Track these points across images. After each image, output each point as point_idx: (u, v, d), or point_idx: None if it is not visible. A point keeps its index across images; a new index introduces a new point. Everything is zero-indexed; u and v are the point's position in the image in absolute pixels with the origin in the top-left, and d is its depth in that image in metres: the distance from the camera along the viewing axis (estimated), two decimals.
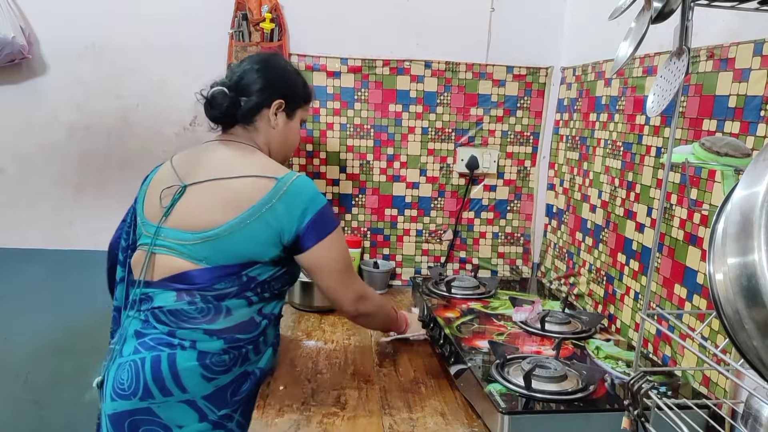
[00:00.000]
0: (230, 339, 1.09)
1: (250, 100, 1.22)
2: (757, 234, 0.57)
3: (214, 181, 1.13)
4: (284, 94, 1.26)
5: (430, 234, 2.12)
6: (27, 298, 2.05)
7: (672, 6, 0.76)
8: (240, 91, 1.22)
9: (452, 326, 1.51)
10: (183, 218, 1.12)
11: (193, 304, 1.08)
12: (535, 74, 2.02)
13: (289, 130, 1.29)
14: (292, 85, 1.30)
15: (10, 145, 1.97)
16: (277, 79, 1.26)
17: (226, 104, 1.19)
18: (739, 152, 0.88)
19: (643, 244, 1.48)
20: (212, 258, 1.09)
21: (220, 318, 1.08)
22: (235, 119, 1.23)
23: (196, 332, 1.07)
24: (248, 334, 1.11)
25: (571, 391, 1.16)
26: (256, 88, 1.22)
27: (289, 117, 1.28)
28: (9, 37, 1.76)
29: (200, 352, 1.06)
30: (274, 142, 1.27)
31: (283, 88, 1.26)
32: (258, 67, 1.25)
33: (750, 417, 0.85)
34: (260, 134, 1.25)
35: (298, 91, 1.31)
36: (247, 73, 1.24)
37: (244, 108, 1.21)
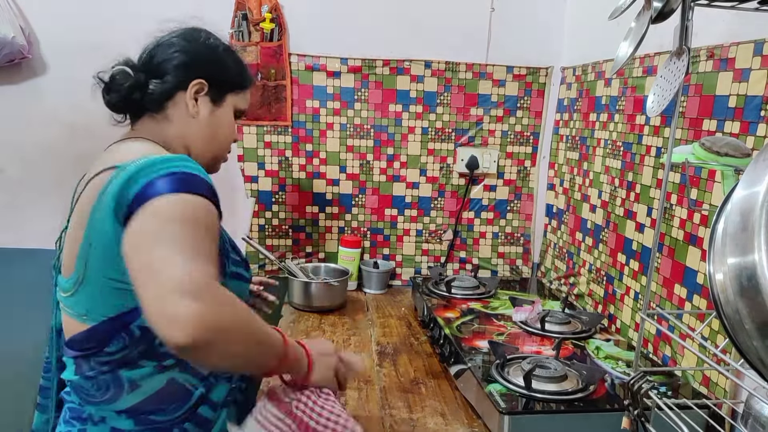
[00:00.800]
0: (144, 420, 0.87)
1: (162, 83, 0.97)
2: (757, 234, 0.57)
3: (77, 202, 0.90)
4: (208, 74, 1.00)
5: (430, 234, 2.12)
6: (27, 298, 2.05)
7: (672, 6, 0.76)
8: (149, 70, 0.98)
9: (452, 326, 1.51)
10: (63, 262, 0.91)
11: (89, 378, 0.87)
12: (535, 74, 2.02)
13: (217, 120, 1.03)
14: (218, 64, 1.03)
15: (10, 145, 1.97)
16: (199, 55, 1.01)
17: (126, 86, 0.96)
18: (739, 152, 0.88)
19: (643, 244, 1.48)
20: (93, 310, 0.85)
21: (123, 395, 0.86)
22: (143, 107, 0.99)
23: (104, 411, 0.88)
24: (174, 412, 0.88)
25: (571, 391, 1.16)
26: (169, 65, 0.98)
27: (215, 103, 1.02)
28: (9, 37, 1.76)
29: (112, 429, 0.88)
30: (195, 136, 1.00)
31: (206, 67, 1.01)
32: (174, 41, 1.01)
33: (750, 417, 0.85)
34: (173, 125, 0.99)
35: (227, 71, 1.05)
36: (158, 50, 1.00)
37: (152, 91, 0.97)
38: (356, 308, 1.87)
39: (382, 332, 1.68)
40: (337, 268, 1.96)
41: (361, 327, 1.71)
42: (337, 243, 2.06)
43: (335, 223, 2.08)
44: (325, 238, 2.08)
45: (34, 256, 2.02)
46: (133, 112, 1.01)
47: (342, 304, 1.86)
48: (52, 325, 0.99)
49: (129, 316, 0.84)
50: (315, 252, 2.09)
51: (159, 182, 0.77)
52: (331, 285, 1.82)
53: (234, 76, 1.06)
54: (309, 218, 2.07)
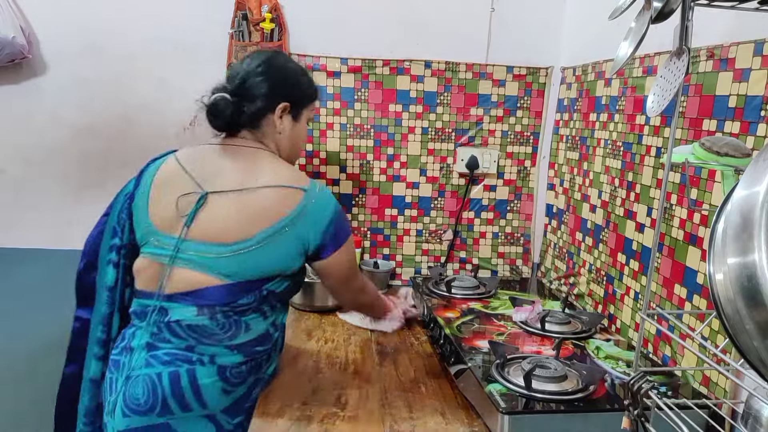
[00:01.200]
0: (249, 352, 1.09)
1: (254, 105, 1.16)
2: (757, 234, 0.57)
3: (239, 192, 1.08)
4: (289, 97, 1.20)
5: (430, 234, 2.12)
6: (27, 298, 2.05)
7: (672, 6, 0.76)
8: (242, 96, 1.15)
9: (452, 326, 1.51)
10: (208, 231, 1.07)
11: (214, 320, 1.05)
12: (535, 74, 2.02)
13: (296, 132, 1.25)
14: (296, 87, 1.23)
15: (11, 145, 1.97)
16: (281, 82, 1.20)
17: (229, 112, 1.13)
18: (739, 152, 0.88)
19: (643, 244, 1.48)
20: (239, 273, 1.05)
21: (240, 333, 1.07)
22: (240, 125, 1.18)
23: (218, 347, 1.05)
24: (264, 346, 1.12)
25: (571, 391, 1.16)
26: (259, 92, 1.16)
27: (295, 119, 1.23)
28: (9, 37, 1.76)
29: (220, 366, 1.05)
30: (281, 146, 1.22)
31: (287, 91, 1.20)
32: (260, 70, 1.18)
33: (750, 417, 0.85)
34: (268, 138, 1.20)
35: (303, 91, 1.25)
36: (249, 76, 1.17)
37: (247, 114, 1.16)
38: None
39: (383, 332, 1.68)
40: None
41: (361, 327, 1.71)
42: None
43: None
44: None
45: (35, 256, 2.03)
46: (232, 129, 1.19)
47: None
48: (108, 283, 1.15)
49: (265, 282, 1.08)
50: None
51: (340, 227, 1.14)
52: None
53: (309, 94, 1.27)
54: None
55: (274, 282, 1.10)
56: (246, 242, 1.05)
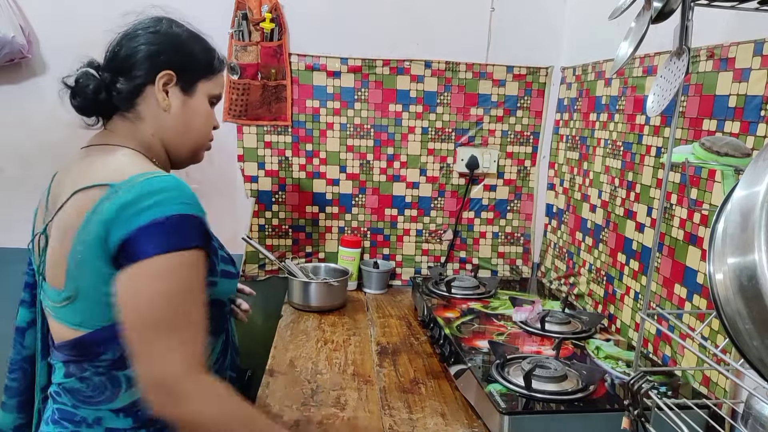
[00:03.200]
0: (142, 416, 0.88)
1: (126, 78, 0.94)
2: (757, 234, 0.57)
3: (58, 213, 0.88)
4: (174, 64, 0.96)
5: (430, 234, 2.12)
6: None
7: (672, 6, 0.76)
8: (114, 68, 0.95)
9: (452, 326, 1.51)
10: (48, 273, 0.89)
11: (84, 380, 0.88)
12: (535, 74, 2.02)
13: (190, 110, 0.99)
14: (183, 51, 0.98)
15: (10, 144, 1.97)
16: (163, 46, 0.96)
17: (92, 87, 0.93)
18: (739, 152, 0.88)
19: (643, 244, 1.48)
20: (87, 321, 0.86)
21: (121, 392, 0.87)
22: (112, 107, 0.96)
23: (101, 412, 0.88)
24: None
25: (571, 391, 1.16)
26: (134, 60, 0.94)
27: (186, 93, 0.99)
28: (9, 36, 1.76)
29: (107, 429, 0.88)
30: (170, 130, 0.98)
31: (171, 56, 0.96)
32: (138, 34, 0.96)
33: (750, 417, 0.85)
34: (146, 122, 0.96)
35: (195, 57, 1.00)
36: (122, 44, 0.96)
37: (119, 90, 0.94)
38: (356, 308, 1.87)
39: (382, 332, 1.68)
40: (337, 268, 1.96)
41: (361, 327, 1.71)
42: (337, 243, 2.06)
43: (335, 223, 2.08)
44: (325, 238, 2.08)
45: None
46: (104, 114, 0.99)
47: (342, 304, 1.86)
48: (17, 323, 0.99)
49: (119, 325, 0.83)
50: (315, 252, 2.09)
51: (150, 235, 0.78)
52: (331, 285, 1.82)
53: (202, 62, 1.01)
54: (309, 218, 2.07)
55: None
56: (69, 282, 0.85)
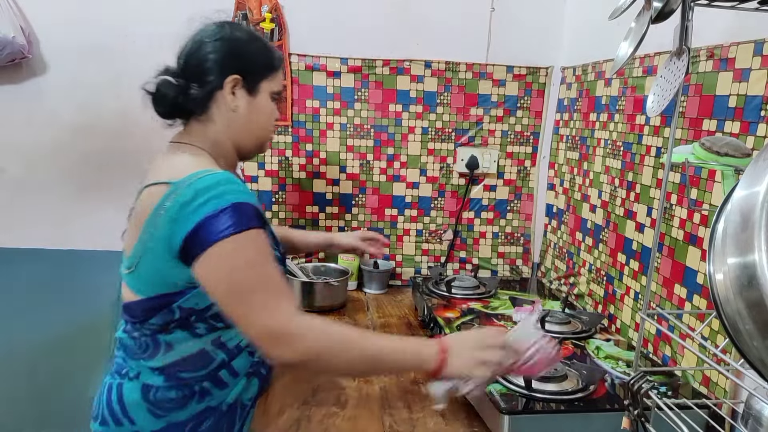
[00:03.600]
0: (172, 376, 1.00)
1: (199, 84, 1.04)
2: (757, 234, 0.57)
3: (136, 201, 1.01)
4: (239, 68, 1.05)
5: (430, 234, 2.12)
6: (27, 298, 2.05)
7: (672, 6, 0.76)
8: (187, 75, 1.04)
9: (452, 326, 1.51)
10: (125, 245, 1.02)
11: (133, 338, 1.01)
12: (535, 74, 2.02)
13: (255, 109, 1.09)
14: (247, 55, 1.08)
15: (11, 144, 1.97)
16: (229, 52, 1.05)
17: (171, 94, 1.03)
18: (739, 152, 0.88)
19: (643, 244, 1.48)
20: (143, 289, 0.98)
21: (159, 354, 1.00)
22: (189, 110, 1.06)
23: (141, 366, 1.01)
24: (197, 371, 1.00)
25: (571, 391, 1.16)
26: (206, 68, 1.04)
27: (251, 93, 1.08)
28: (9, 36, 1.76)
29: (144, 384, 1.00)
30: (239, 129, 1.08)
31: (236, 62, 1.05)
32: (206, 42, 1.06)
33: (750, 417, 0.85)
34: (217, 124, 1.06)
35: (257, 60, 1.09)
36: (193, 53, 1.05)
37: (194, 95, 1.03)
38: (356, 308, 1.87)
39: (383, 332, 1.68)
40: (337, 268, 1.96)
41: (361, 327, 1.71)
42: None
43: (335, 223, 2.08)
44: None
45: (35, 256, 2.03)
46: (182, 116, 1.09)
47: (342, 304, 1.86)
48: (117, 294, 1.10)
49: (173, 297, 0.96)
50: (315, 252, 2.09)
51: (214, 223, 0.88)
52: (331, 285, 1.82)
53: (263, 63, 1.09)
54: (309, 218, 2.07)
55: (187, 297, 0.96)
56: (130, 257, 0.98)
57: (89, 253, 2.03)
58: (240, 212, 0.90)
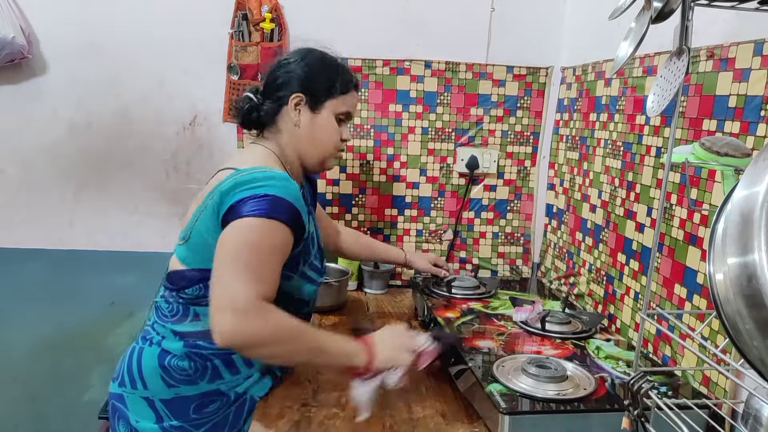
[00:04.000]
0: (191, 344, 1.09)
1: (269, 100, 1.19)
2: (757, 234, 0.57)
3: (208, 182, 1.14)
4: (304, 88, 1.18)
5: (430, 234, 2.12)
6: (26, 298, 2.05)
7: (672, 6, 0.76)
8: (265, 93, 1.21)
9: (452, 326, 1.51)
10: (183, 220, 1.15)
11: (167, 302, 1.12)
12: (535, 74, 2.02)
13: (317, 126, 1.20)
14: (312, 77, 1.19)
15: (10, 145, 1.97)
16: (296, 73, 1.19)
17: (245, 108, 1.20)
18: (739, 152, 0.88)
19: (643, 244, 1.48)
20: (189, 259, 1.09)
21: (186, 321, 1.10)
22: (260, 121, 1.21)
23: (166, 330, 1.11)
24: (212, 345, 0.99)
25: (571, 391, 1.16)
26: (277, 86, 1.19)
27: (314, 111, 1.19)
28: (9, 36, 1.76)
29: (162, 350, 1.09)
30: (301, 142, 1.20)
31: (303, 81, 1.18)
32: (281, 64, 1.21)
33: (750, 417, 0.85)
34: (284, 135, 1.20)
35: (321, 81, 1.20)
36: (271, 73, 1.21)
37: (265, 110, 1.19)
38: (357, 308, 1.87)
39: None
40: (338, 268, 1.96)
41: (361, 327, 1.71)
42: None
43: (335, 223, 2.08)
44: None
45: (34, 256, 2.03)
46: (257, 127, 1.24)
47: (342, 303, 1.86)
48: None
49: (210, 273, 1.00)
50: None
51: (249, 203, 0.99)
52: (331, 285, 1.82)
53: (328, 84, 1.20)
54: None
55: None
56: (188, 226, 1.10)
57: (89, 253, 2.03)
58: (273, 203, 1.00)
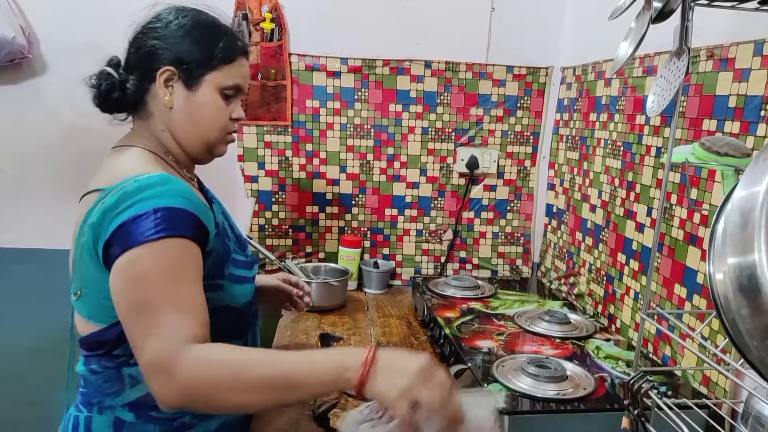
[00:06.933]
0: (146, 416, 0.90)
1: (133, 76, 0.94)
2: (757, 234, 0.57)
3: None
4: (174, 59, 0.93)
5: (430, 234, 2.12)
6: (24, 298, 2.05)
7: (672, 6, 0.76)
8: (126, 68, 0.96)
9: (452, 326, 1.51)
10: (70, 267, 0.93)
11: (94, 372, 0.92)
12: (535, 74, 2.02)
13: (195, 105, 0.95)
14: (184, 45, 0.94)
15: (10, 144, 1.97)
16: (162, 41, 0.94)
17: (105, 88, 0.94)
18: (739, 152, 0.88)
19: (643, 244, 1.48)
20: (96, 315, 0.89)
21: (125, 390, 0.91)
22: (127, 104, 0.96)
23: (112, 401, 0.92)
24: None
25: (571, 391, 1.16)
26: (137, 59, 0.95)
27: (190, 88, 0.95)
28: (9, 36, 1.76)
29: (117, 418, 0.92)
30: (176, 126, 0.96)
31: (171, 51, 0.93)
32: (142, 32, 0.96)
33: (750, 417, 0.85)
34: (156, 119, 0.96)
35: (198, 49, 0.95)
36: (133, 43, 0.96)
37: (132, 90, 0.94)
38: (356, 308, 1.87)
39: (383, 332, 1.68)
40: (337, 268, 1.96)
41: (361, 327, 1.71)
42: (337, 243, 2.06)
43: (335, 222, 2.08)
44: (325, 238, 2.08)
45: (33, 256, 2.03)
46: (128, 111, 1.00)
47: (342, 303, 1.86)
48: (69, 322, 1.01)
49: None
50: (315, 252, 2.09)
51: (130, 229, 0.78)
52: (331, 285, 1.82)
53: (205, 54, 0.95)
54: (309, 218, 2.07)
55: None
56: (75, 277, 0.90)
57: None
58: (164, 218, 0.79)
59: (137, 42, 0.96)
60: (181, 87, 0.95)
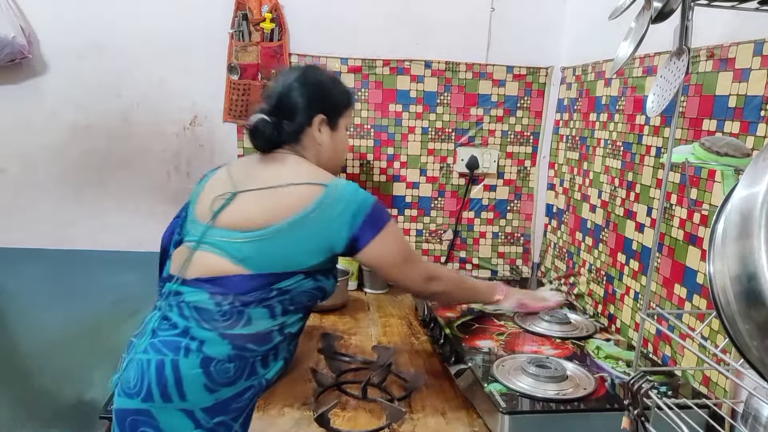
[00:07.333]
0: (240, 347, 1.07)
1: (292, 123, 1.21)
2: (757, 234, 0.57)
3: (264, 190, 1.14)
4: (324, 109, 1.24)
5: (430, 234, 2.12)
6: (27, 298, 2.05)
7: (672, 6, 0.76)
8: (280, 114, 1.22)
9: (452, 326, 1.51)
10: (232, 219, 1.13)
11: (219, 306, 1.08)
12: (535, 74, 2.02)
13: (336, 141, 1.29)
14: (329, 97, 1.27)
15: (11, 145, 1.97)
16: (315, 95, 1.24)
17: (268, 132, 1.20)
18: (739, 152, 0.88)
19: (643, 244, 1.48)
20: (253, 260, 1.09)
21: (238, 325, 1.08)
22: (281, 142, 1.23)
23: (210, 333, 1.06)
24: (259, 347, 1.09)
25: (571, 391, 1.16)
26: (296, 109, 1.22)
27: (333, 129, 1.27)
28: (9, 36, 1.76)
29: (205, 357, 1.05)
30: (323, 157, 1.26)
31: (322, 103, 1.25)
32: (294, 86, 1.23)
33: (750, 417, 0.85)
34: (308, 150, 1.24)
35: (337, 100, 1.28)
36: (284, 95, 1.23)
37: (287, 131, 1.21)
38: (357, 308, 1.87)
39: (383, 332, 1.68)
40: (338, 268, 1.96)
41: (361, 326, 1.71)
42: None
43: None
44: None
45: (35, 256, 2.03)
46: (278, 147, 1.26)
47: (343, 303, 1.86)
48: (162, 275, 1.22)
49: (281, 278, 1.09)
50: None
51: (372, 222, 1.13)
52: None
53: (342, 102, 1.29)
54: None
55: (291, 280, 1.10)
56: (261, 230, 1.09)
57: (89, 253, 2.03)
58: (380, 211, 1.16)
59: (289, 97, 1.22)
60: (327, 129, 1.26)
